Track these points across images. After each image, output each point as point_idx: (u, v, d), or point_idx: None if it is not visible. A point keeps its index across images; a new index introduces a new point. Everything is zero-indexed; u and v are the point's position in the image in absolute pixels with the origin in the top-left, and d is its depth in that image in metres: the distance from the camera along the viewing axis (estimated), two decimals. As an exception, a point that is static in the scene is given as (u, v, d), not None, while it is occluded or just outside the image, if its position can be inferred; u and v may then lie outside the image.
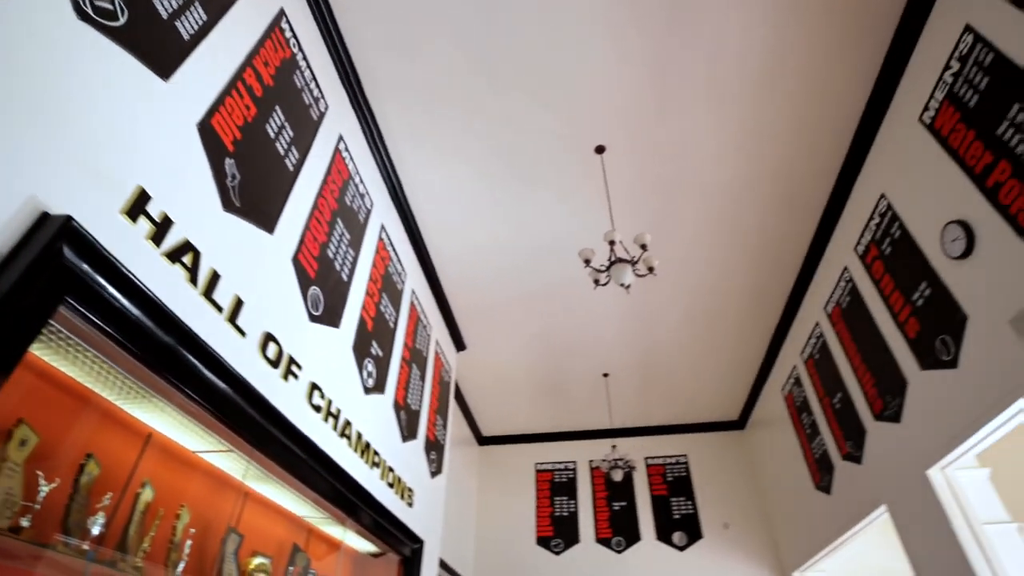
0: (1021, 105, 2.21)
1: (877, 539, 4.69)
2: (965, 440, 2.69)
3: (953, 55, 2.57)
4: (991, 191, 2.40)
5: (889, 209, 3.19)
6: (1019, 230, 2.27)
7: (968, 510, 2.79)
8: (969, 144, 2.51)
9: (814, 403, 4.49)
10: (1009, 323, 2.36)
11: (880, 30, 2.87)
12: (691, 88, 3.12)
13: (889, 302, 3.25)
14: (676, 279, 4.46)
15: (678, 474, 6.45)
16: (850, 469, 3.96)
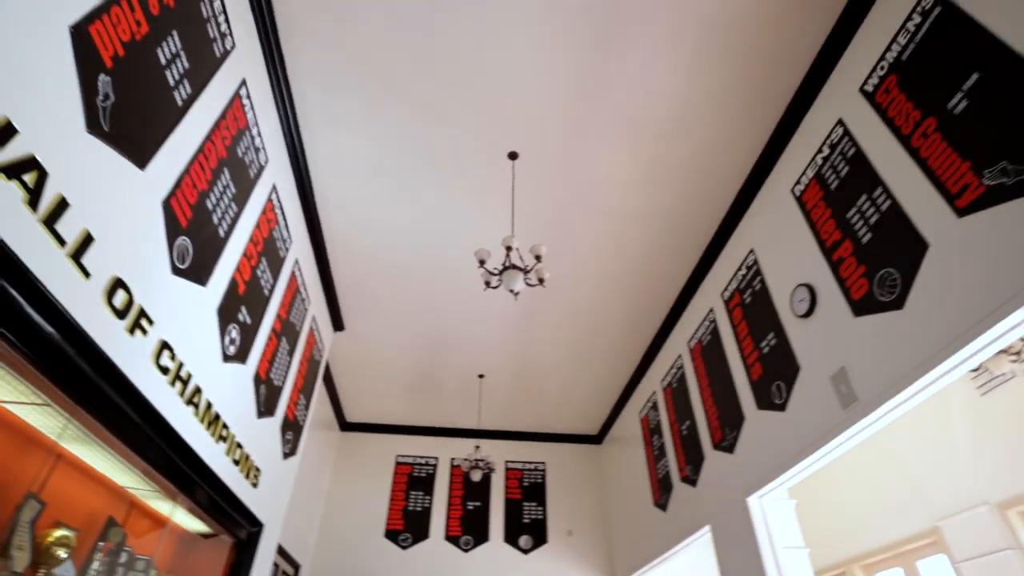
0: (868, 197, 2.58)
1: (698, 556, 5.19)
2: (782, 474, 3.06)
3: (826, 141, 2.94)
4: (835, 264, 2.77)
5: (755, 263, 3.56)
6: (850, 301, 2.64)
7: (773, 535, 3.18)
8: (825, 220, 2.88)
9: (665, 428, 4.87)
10: (830, 379, 2.73)
11: (774, 106, 3.20)
12: (607, 117, 3.27)
13: (741, 346, 3.63)
14: (563, 294, 4.63)
15: (534, 480, 6.68)
16: (686, 490, 4.34)
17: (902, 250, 2.35)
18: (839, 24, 2.79)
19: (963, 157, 2.10)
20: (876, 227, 2.52)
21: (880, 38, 2.59)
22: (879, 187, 2.52)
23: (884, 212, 2.48)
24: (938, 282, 2.17)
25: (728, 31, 2.86)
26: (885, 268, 2.44)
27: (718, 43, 2.91)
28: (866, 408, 2.48)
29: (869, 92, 2.64)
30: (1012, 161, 1.90)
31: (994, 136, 1.98)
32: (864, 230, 2.59)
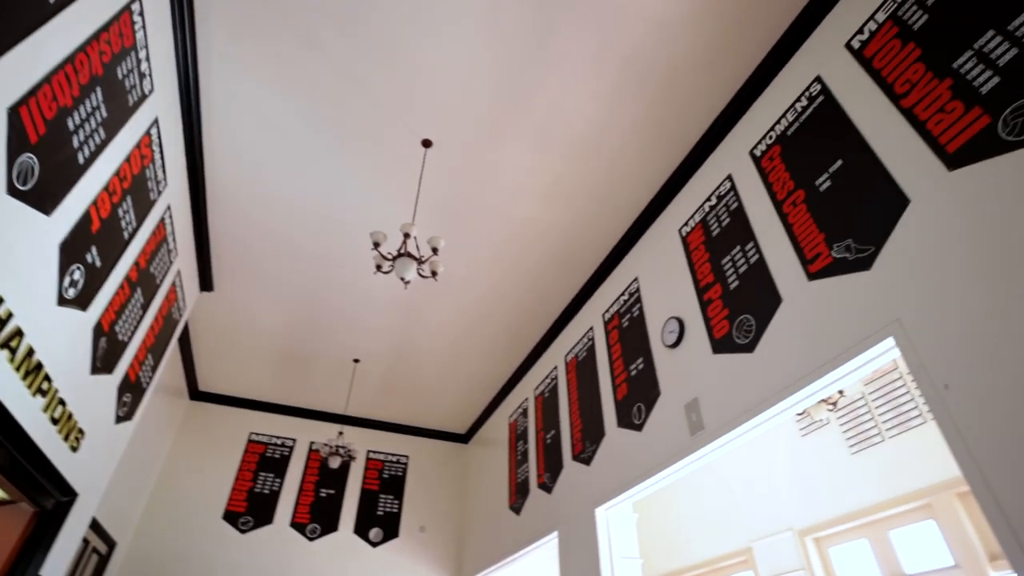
0: (741, 249, 2.86)
1: (542, 560, 5.40)
2: (631, 489, 3.28)
3: (715, 191, 3.22)
4: (705, 303, 3.04)
5: (637, 291, 3.80)
6: (712, 339, 2.90)
7: (613, 545, 3.40)
8: (703, 263, 3.15)
9: (532, 434, 5.03)
10: (684, 406, 2.98)
11: (677, 149, 3.45)
12: (526, 125, 3.32)
13: (613, 366, 3.85)
14: (454, 292, 4.62)
15: (395, 473, 6.57)
16: (541, 496, 4.50)
17: (761, 301, 2.64)
18: (744, 88, 3.08)
19: (820, 229, 2.40)
20: (743, 277, 2.80)
21: (774, 111, 2.89)
22: (752, 242, 2.81)
23: (752, 265, 2.76)
24: (784, 334, 2.46)
25: (649, 72, 3.04)
26: (745, 314, 2.72)
27: (639, 81, 3.08)
28: (710, 436, 2.74)
29: (757, 156, 2.93)
30: (856, 240, 2.21)
31: (846, 216, 2.29)
32: (733, 277, 2.87)
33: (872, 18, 2.43)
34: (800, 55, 2.82)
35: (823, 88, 2.60)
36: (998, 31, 1.89)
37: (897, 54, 2.26)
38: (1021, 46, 1.81)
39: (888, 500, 3.91)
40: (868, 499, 4.03)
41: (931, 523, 3.73)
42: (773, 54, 2.92)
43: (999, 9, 1.91)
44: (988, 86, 1.88)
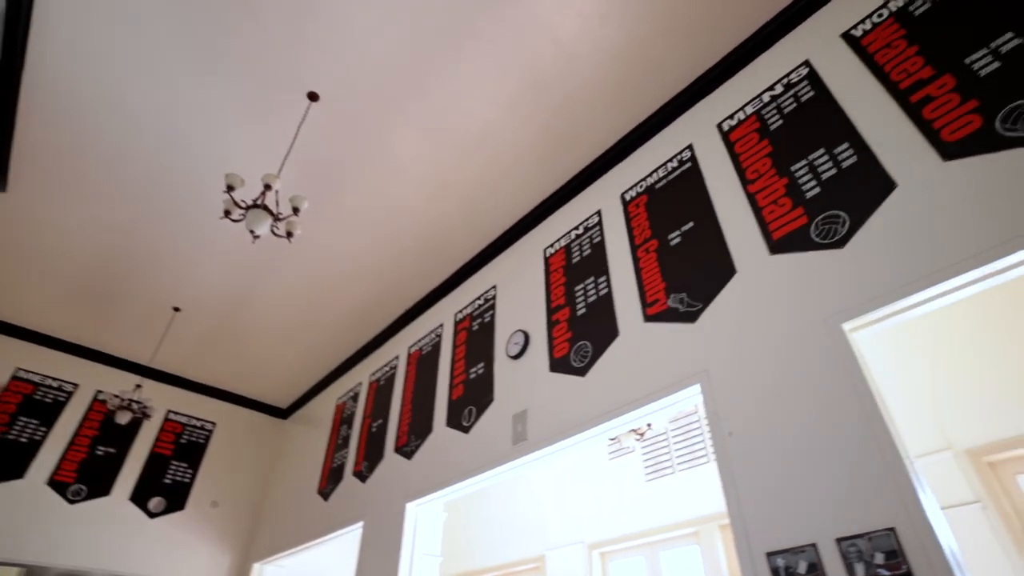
0: (595, 280, 3.07)
1: (342, 550, 5.24)
2: (446, 488, 3.32)
3: (584, 223, 3.42)
4: (552, 323, 3.20)
5: (494, 299, 3.89)
6: (551, 357, 3.07)
7: (418, 541, 3.41)
8: (559, 285, 3.32)
9: (358, 420, 4.87)
10: (512, 416, 3.10)
11: (557, 175, 3.62)
12: (419, 109, 3.25)
13: (454, 366, 3.88)
14: (308, 258, 4.33)
15: (195, 439, 5.94)
16: (354, 485, 4.37)
17: (601, 331, 2.85)
18: (630, 135, 3.33)
19: (663, 279, 2.66)
20: (591, 306, 3.00)
21: (650, 163, 3.17)
22: (605, 276, 3.02)
23: (601, 297, 2.97)
24: (614, 365, 2.68)
25: (548, 97, 3.15)
26: (585, 340, 2.91)
27: (537, 102, 3.18)
28: (530, 448, 2.88)
29: (626, 200, 3.18)
30: (689, 296, 2.49)
31: (686, 273, 2.57)
32: (583, 305, 3.07)
33: (742, 109, 2.78)
34: (682, 119, 3.12)
35: (692, 156, 2.90)
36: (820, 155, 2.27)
37: (754, 146, 2.61)
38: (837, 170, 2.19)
39: (666, 525, 4.43)
40: (650, 522, 4.52)
41: (696, 548, 4.29)
42: (661, 112, 3.20)
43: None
44: (811, 193, 2.24)
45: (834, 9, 2.61)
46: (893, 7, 2.36)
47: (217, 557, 5.52)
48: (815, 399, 1.87)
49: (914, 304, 1.82)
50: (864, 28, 2.43)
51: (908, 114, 2.08)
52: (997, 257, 1.66)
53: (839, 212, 2.11)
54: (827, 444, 1.78)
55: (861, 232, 2.02)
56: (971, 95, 1.93)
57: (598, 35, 2.89)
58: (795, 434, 1.87)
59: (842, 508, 1.67)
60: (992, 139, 1.82)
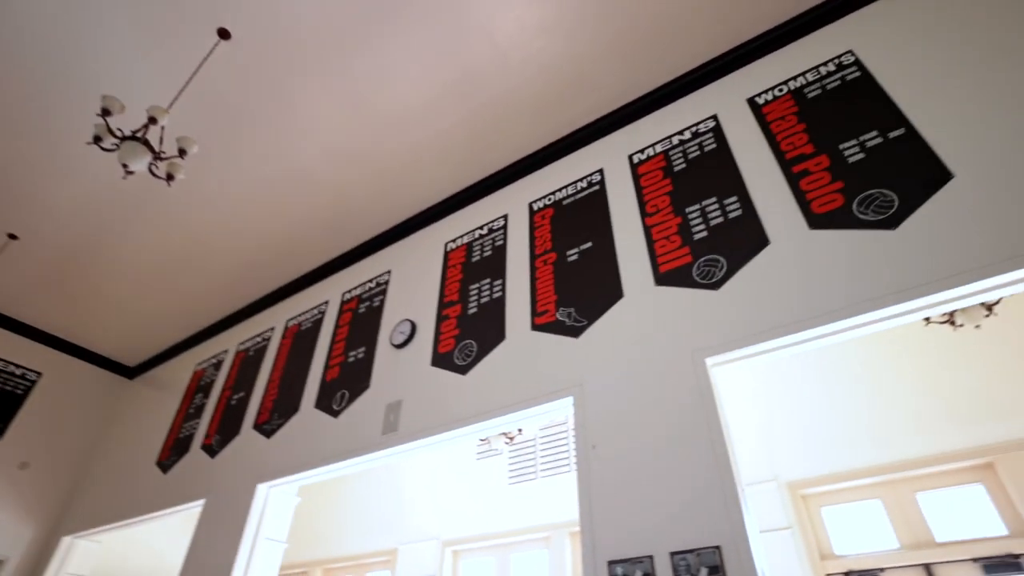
0: (491, 282, 3.11)
1: (171, 528, 4.81)
2: (304, 472, 3.17)
3: (488, 224, 3.45)
4: (441, 318, 3.18)
5: (386, 283, 3.79)
6: (435, 351, 3.05)
7: (263, 524, 3.21)
8: (455, 281, 3.31)
9: (217, 390, 4.51)
10: (386, 405, 3.03)
11: (467, 175, 3.61)
12: (342, 74, 3.09)
13: (333, 347, 3.72)
14: (187, 207, 3.94)
15: (11, 388, 5.14)
16: (200, 459, 4.03)
17: (488, 333, 2.88)
18: (547, 148, 3.41)
19: (556, 291, 2.75)
20: (483, 307, 3.03)
21: (562, 178, 3.27)
22: (501, 279, 3.06)
23: (494, 299, 3.01)
24: (496, 367, 2.72)
25: (474, 93, 3.14)
26: (471, 340, 2.93)
27: (462, 95, 3.16)
28: (400, 439, 2.83)
29: (533, 209, 3.25)
30: (577, 311, 2.59)
31: (577, 289, 2.67)
32: (475, 304, 3.08)
33: (652, 146, 2.96)
34: (599, 143, 3.26)
35: (602, 180, 3.04)
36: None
37: (658, 182, 2.78)
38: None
39: (521, 528, 4.57)
40: (506, 525, 4.64)
41: (545, 552, 4.47)
42: (581, 131, 3.31)
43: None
44: (698, 235, 2.44)
45: (746, 74, 2.87)
46: (792, 86, 2.64)
47: (16, 527, 4.80)
48: (672, 424, 2.02)
49: (767, 350, 2.04)
50: (766, 98, 2.69)
51: (788, 182, 2.33)
52: (834, 320, 1.91)
53: (719, 257, 2.32)
54: (676, 465, 1.93)
55: (735, 278, 2.22)
56: (839, 177, 2.21)
57: (535, 45, 2.94)
58: (650, 453, 2.01)
59: (679, 525, 1.82)
60: (849, 218, 2.09)
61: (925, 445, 3.51)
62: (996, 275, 1.73)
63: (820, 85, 2.55)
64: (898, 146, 2.15)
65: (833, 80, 2.52)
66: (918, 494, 3.52)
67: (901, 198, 2.02)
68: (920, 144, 2.10)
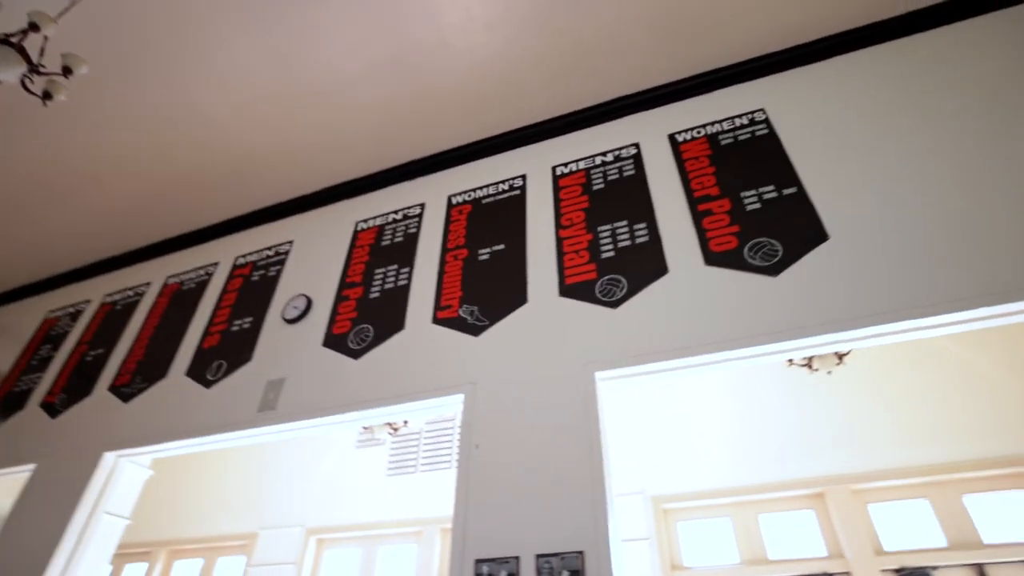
0: (397, 269, 3.04)
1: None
2: (164, 443, 2.90)
3: (405, 209, 3.37)
4: (340, 298, 3.06)
5: (287, 254, 3.58)
6: (329, 332, 2.92)
7: (105, 497, 2.89)
8: (360, 263, 3.20)
9: (70, 343, 4.01)
10: (267, 382, 2.86)
11: (388, 150, 3.52)
12: (271, 26, 2.88)
13: (217, 313, 3.46)
14: (67, 130, 3.47)
15: None
16: (37, 418, 3.57)
17: (387, 320, 2.81)
18: (465, 147, 3.39)
19: (462, 288, 2.74)
20: (385, 292, 2.95)
21: (482, 176, 3.27)
22: (408, 268, 3.01)
23: (398, 287, 2.94)
24: (390, 356, 2.66)
25: (405, 78, 3.06)
26: (368, 324, 2.84)
27: (392, 77, 3.07)
28: (277, 419, 2.68)
29: (452, 203, 3.22)
30: (480, 311, 2.60)
31: (483, 289, 2.69)
32: (377, 289, 3.00)
33: (576, 162, 3.05)
34: (526, 149, 3.30)
35: (523, 186, 3.08)
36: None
37: (576, 197, 2.87)
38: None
39: (393, 521, 4.50)
40: (378, 516, 4.55)
41: (414, 547, 4.43)
42: (509, 135, 3.33)
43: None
44: (606, 255, 2.54)
45: (671, 110, 3.04)
46: (709, 130, 2.83)
47: None
48: (555, 431, 2.09)
49: (653, 371, 2.16)
50: (685, 136, 2.86)
51: (693, 218, 2.50)
52: (715, 351, 2.07)
53: (621, 278, 2.42)
54: (553, 472, 1.99)
55: (632, 300, 2.34)
56: (736, 222, 2.40)
57: (478, 39, 2.91)
58: (530, 458, 2.06)
59: (549, 529, 1.88)
60: (740, 260, 2.28)
61: (771, 473, 3.90)
62: (850, 330, 1.96)
63: (733, 135, 2.75)
64: (789, 203, 2.37)
65: (745, 132, 2.74)
66: (760, 515, 3.90)
67: (785, 250, 2.23)
68: (807, 204, 2.33)
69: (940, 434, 3.68)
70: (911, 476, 3.67)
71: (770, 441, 3.96)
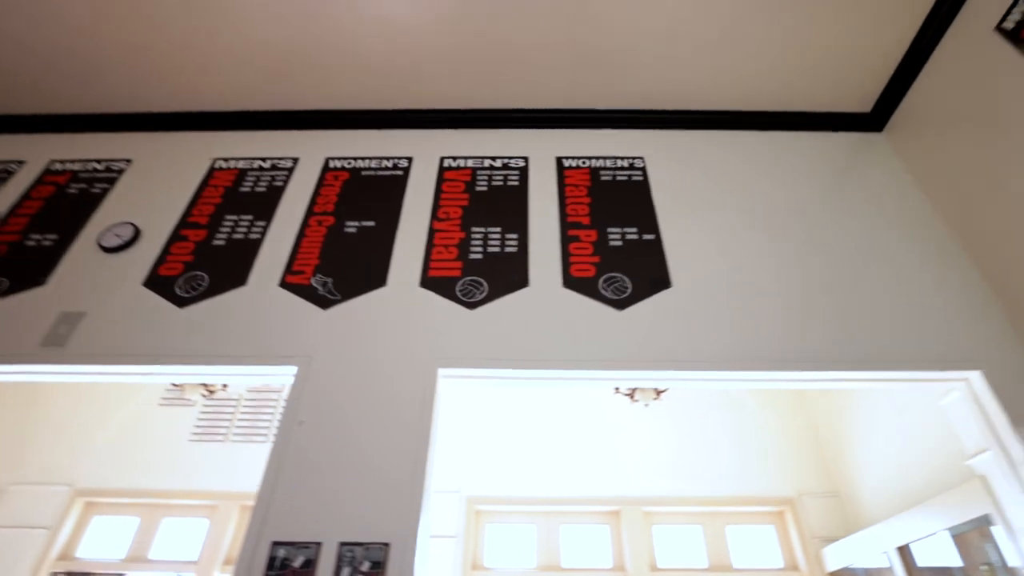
0: (253, 220, 2.78)
1: None
2: None
3: (275, 159, 3.10)
4: (178, 236, 2.72)
5: (119, 172, 3.09)
6: (154, 273, 2.58)
7: None
8: (212, 203, 2.88)
9: None
10: (60, 312, 2.44)
11: (280, 97, 3.24)
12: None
13: (8, 220, 2.88)
14: None
15: None
16: None
17: (228, 272, 2.55)
18: (367, 114, 3.24)
19: (320, 256, 2.59)
20: (232, 242, 2.68)
21: (370, 147, 3.13)
22: (266, 221, 2.76)
23: (249, 239, 2.69)
24: (222, 312, 2.41)
25: (316, 19, 2.84)
26: (203, 272, 2.55)
27: (304, 15, 2.83)
28: (62, 358, 2.29)
29: (329, 166, 3.04)
30: (334, 283, 2.47)
31: (342, 262, 2.56)
32: (224, 238, 2.71)
33: (464, 159, 3.04)
34: (419, 132, 3.22)
35: (408, 167, 3.00)
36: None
37: (457, 194, 2.86)
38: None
39: (183, 491, 4.07)
40: (166, 483, 4.09)
41: (205, 521, 4.04)
42: (405, 114, 3.24)
43: (513, 219, 2.71)
44: (474, 256, 2.57)
45: (565, 136, 3.17)
46: (593, 164, 3.00)
47: None
48: (385, 420, 2.05)
49: (495, 376, 2.22)
50: (571, 163, 3.01)
51: (561, 241, 2.62)
52: (560, 368, 2.20)
53: (483, 281, 2.46)
54: (375, 460, 1.95)
55: (489, 305, 2.39)
56: (598, 253, 2.57)
57: (396, 9, 2.79)
58: (355, 442, 1.99)
59: (358, 517, 1.83)
60: (594, 289, 2.44)
61: (579, 488, 4.21)
62: (672, 371, 2.20)
63: (613, 173, 2.95)
64: (647, 247, 2.59)
65: (623, 173, 2.95)
66: (562, 525, 4.18)
67: (633, 288, 2.43)
68: (660, 253, 2.57)
69: (721, 471, 4.26)
70: (692, 505, 4.19)
71: (583, 459, 4.28)
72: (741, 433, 4.40)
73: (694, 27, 2.80)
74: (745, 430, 4.41)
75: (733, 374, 2.22)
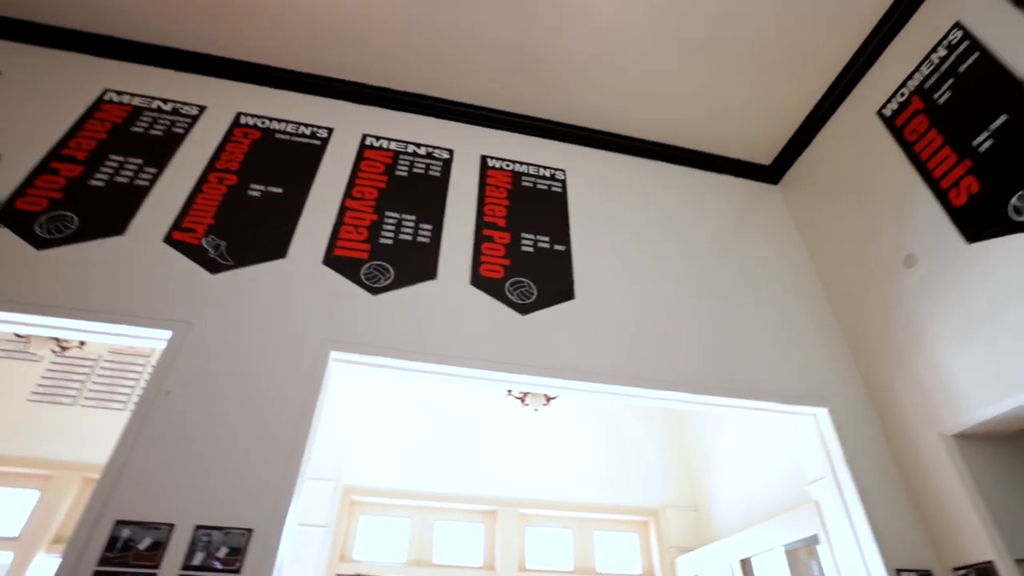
0: (143, 166, 2.52)
1: None
2: None
3: (180, 105, 2.83)
4: (47, 170, 2.41)
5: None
6: (12, 204, 2.25)
7: None
8: (94, 139, 2.57)
9: None
10: None
11: (201, 38, 2.96)
12: None
13: None
14: None
15: None
16: None
17: (105, 219, 2.29)
18: (270, 69, 3.04)
19: (214, 217, 2.40)
20: (113, 185, 2.41)
21: (285, 106, 2.94)
22: (158, 169, 2.51)
23: (133, 185, 2.43)
24: (96, 262, 2.16)
25: None
26: (70, 213, 2.27)
27: (230, -47, 2.61)
28: None
29: (239, 121, 2.82)
30: (228, 249, 2.30)
31: (241, 227, 2.39)
32: (104, 179, 2.43)
33: (390, 140, 2.96)
34: (338, 105, 3.07)
35: (328, 137, 2.86)
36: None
37: (377, 175, 2.77)
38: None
39: (12, 456, 3.59)
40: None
41: (36, 492, 3.59)
42: (329, 81, 3.08)
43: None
44: (384, 241, 2.50)
45: (492, 135, 3.18)
46: (517, 168, 3.03)
47: None
48: (265, 398, 1.93)
49: (388, 366, 2.18)
50: (495, 163, 3.02)
51: (475, 239, 2.63)
52: (455, 364, 2.18)
53: (390, 268, 2.41)
54: (248, 441, 1.83)
55: (393, 293, 2.33)
56: (509, 256, 2.60)
57: (333, -32, 2.65)
58: (227, 419, 1.86)
59: (220, 500, 1.70)
60: (500, 291, 2.46)
61: (450, 485, 4.20)
62: (561, 379, 2.26)
63: (534, 180, 3.00)
64: (556, 258, 2.66)
65: (544, 183, 3.01)
66: (437, 522, 4.17)
67: (538, 295, 2.49)
68: (568, 265, 2.65)
69: (596, 480, 4.46)
70: (565, 509, 4.35)
71: (467, 457, 4.30)
72: (619, 444, 4.64)
73: (630, 60, 2.92)
74: (622, 442, 4.66)
75: (619, 388, 2.34)
